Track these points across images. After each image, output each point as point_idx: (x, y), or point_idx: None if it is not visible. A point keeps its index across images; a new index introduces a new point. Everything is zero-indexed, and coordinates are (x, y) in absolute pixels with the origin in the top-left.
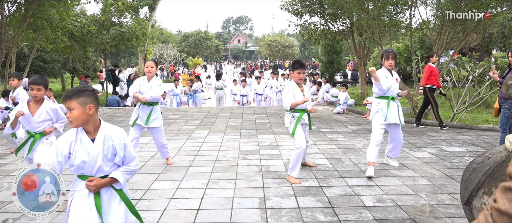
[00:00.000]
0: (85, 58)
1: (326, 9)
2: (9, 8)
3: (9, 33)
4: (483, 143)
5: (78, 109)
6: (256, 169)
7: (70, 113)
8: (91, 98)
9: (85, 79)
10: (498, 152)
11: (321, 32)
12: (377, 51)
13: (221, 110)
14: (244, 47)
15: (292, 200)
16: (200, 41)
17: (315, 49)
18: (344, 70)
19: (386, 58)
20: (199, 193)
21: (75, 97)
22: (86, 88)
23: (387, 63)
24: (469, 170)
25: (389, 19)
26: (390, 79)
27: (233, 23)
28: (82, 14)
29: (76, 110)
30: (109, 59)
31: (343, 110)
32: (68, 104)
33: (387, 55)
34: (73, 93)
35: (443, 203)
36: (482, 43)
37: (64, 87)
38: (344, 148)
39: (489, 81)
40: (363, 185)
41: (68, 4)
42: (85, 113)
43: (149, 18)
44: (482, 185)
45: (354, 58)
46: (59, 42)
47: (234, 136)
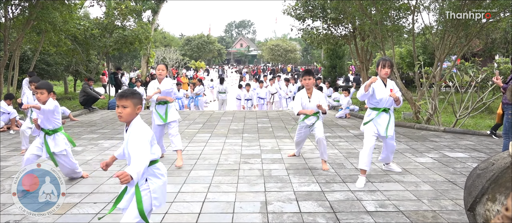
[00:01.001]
0: (88, 61)
1: (329, 13)
2: (13, 11)
3: (13, 36)
4: (486, 149)
5: (131, 108)
6: (258, 173)
7: (123, 110)
8: (140, 100)
9: (87, 82)
10: (502, 158)
11: (323, 37)
12: (379, 56)
13: (223, 114)
14: (246, 51)
15: (294, 204)
16: (202, 45)
17: (317, 53)
18: (346, 75)
19: (382, 67)
20: (200, 197)
21: (130, 98)
22: (137, 92)
23: (383, 72)
24: (473, 176)
25: (392, 24)
26: (382, 90)
27: (235, 27)
28: (86, 17)
29: (129, 108)
30: (112, 62)
31: (345, 115)
32: (123, 102)
33: (383, 63)
34: (128, 94)
35: (446, 209)
36: (485, 48)
37: (67, 90)
38: (346, 153)
39: (492, 86)
40: (365, 190)
41: (72, 7)
42: (134, 111)
43: (152, 21)
44: (486, 191)
45: (356, 63)
46: (62, 45)
47: (236, 139)
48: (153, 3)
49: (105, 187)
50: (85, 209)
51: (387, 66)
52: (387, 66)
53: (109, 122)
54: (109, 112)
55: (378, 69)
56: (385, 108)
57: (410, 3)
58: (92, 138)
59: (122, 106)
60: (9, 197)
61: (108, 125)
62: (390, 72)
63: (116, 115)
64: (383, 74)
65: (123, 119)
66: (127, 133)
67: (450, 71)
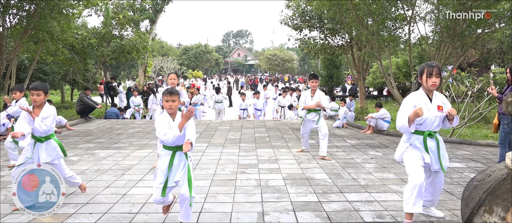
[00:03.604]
0: (85, 71)
1: (326, 24)
2: (10, 20)
3: (10, 45)
4: (483, 159)
5: (178, 102)
6: (255, 183)
7: (173, 104)
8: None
9: (84, 91)
10: (499, 169)
11: (320, 47)
12: (376, 66)
13: (220, 124)
14: (244, 61)
15: (291, 215)
16: (200, 54)
17: (314, 63)
18: (343, 85)
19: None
20: (197, 207)
21: (176, 94)
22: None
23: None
24: (470, 187)
25: (388, 34)
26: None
27: (233, 37)
28: (83, 26)
29: (176, 102)
30: (109, 72)
31: (342, 125)
32: (172, 97)
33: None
34: (175, 91)
35: (444, 219)
36: (481, 58)
37: (64, 99)
38: (344, 163)
39: (488, 96)
40: (362, 200)
41: (70, 17)
42: (179, 104)
43: (150, 31)
44: (483, 203)
45: (353, 73)
46: (59, 54)
47: (233, 149)
48: (150, 13)
49: (100, 197)
50: (80, 219)
51: (435, 75)
52: (434, 75)
53: (106, 132)
54: (105, 121)
55: (423, 79)
56: (430, 132)
57: (406, 13)
58: (89, 147)
59: (171, 100)
60: (6, 208)
61: (105, 135)
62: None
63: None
64: (431, 86)
65: (173, 110)
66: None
67: (447, 81)
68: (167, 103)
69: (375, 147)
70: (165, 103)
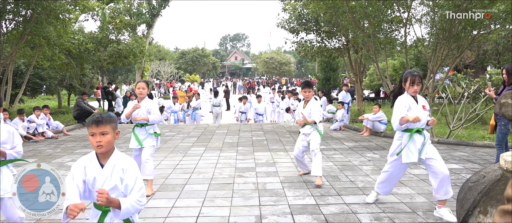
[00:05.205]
0: (82, 75)
1: (322, 27)
2: (7, 25)
3: (6, 50)
4: (480, 160)
5: (111, 134)
6: (253, 186)
7: (103, 137)
8: (116, 124)
9: (81, 96)
10: (493, 171)
11: (317, 50)
12: (373, 69)
13: (218, 128)
14: (241, 64)
15: (289, 218)
16: (197, 58)
17: (311, 66)
18: (340, 87)
19: (411, 83)
20: (195, 212)
21: (109, 122)
22: (111, 115)
23: (412, 90)
24: (465, 188)
25: (385, 37)
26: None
27: (230, 40)
28: (80, 31)
29: (109, 134)
30: (106, 76)
31: (340, 127)
32: (102, 129)
33: (413, 79)
34: (106, 118)
35: (441, 220)
36: (477, 60)
37: (61, 104)
38: (341, 165)
39: (485, 97)
40: (360, 202)
41: (66, 22)
42: (114, 137)
43: (147, 35)
44: (477, 204)
45: (350, 75)
46: (56, 60)
47: (230, 153)
48: (147, 17)
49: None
50: None
51: (417, 83)
52: (416, 84)
53: None
54: None
55: (406, 86)
56: (418, 129)
57: (402, 16)
58: (86, 152)
59: (100, 133)
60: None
61: None
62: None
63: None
64: (412, 93)
65: (104, 149)
66: (105, 168)
67: (443, 83)
68: (93, 139)
69: (372, 149)
70: (91, 138)
